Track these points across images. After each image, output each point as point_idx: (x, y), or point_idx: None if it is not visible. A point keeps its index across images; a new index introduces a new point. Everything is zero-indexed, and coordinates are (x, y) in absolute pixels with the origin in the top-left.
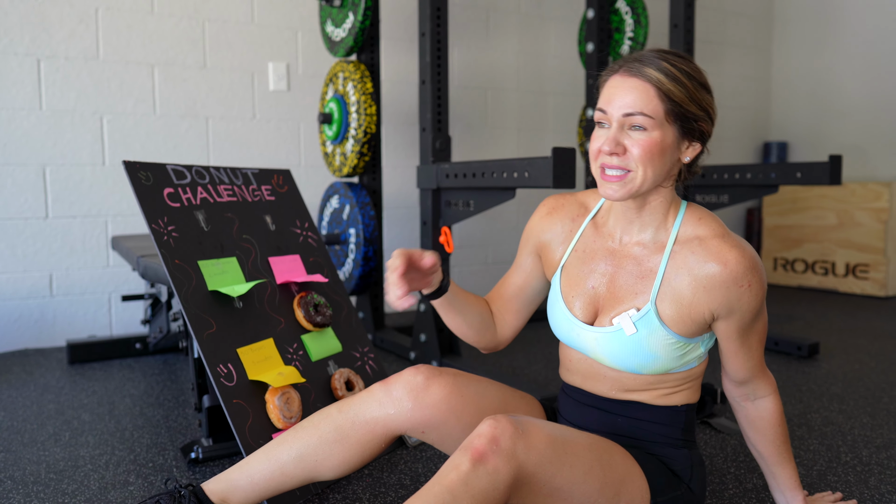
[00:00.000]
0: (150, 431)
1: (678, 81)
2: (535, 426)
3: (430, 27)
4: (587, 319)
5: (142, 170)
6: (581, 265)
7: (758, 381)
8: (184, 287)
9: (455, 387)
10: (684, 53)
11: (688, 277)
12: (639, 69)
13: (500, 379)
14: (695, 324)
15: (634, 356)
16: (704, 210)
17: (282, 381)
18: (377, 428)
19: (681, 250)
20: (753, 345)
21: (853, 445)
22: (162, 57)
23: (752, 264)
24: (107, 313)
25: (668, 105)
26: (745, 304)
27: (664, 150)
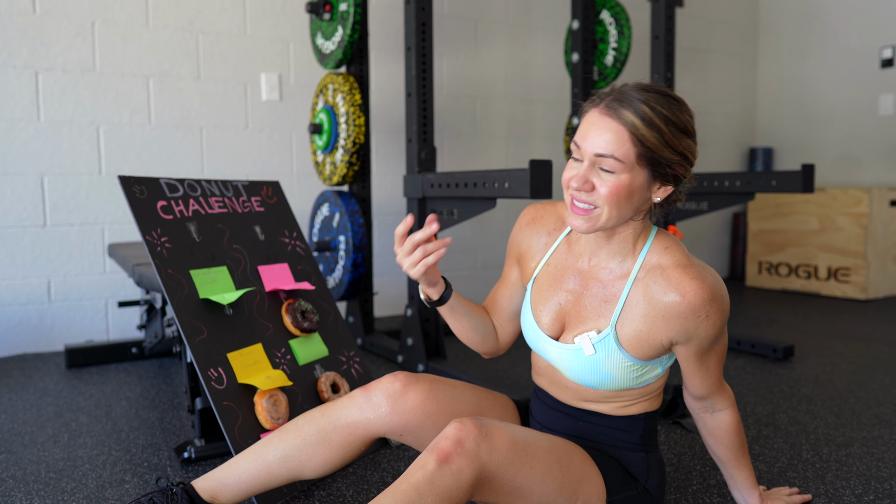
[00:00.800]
0: (145, 432)
1: (654, 127)
2: (498, 429)
3: (416, 42)
4: (553, 333)
5: (136, 184)
6: (551, 280)
7: (716, 396)
8: (176, 295)
9: (430, 393)
10: (670, 92)
11: (648, 305)
12: (616, 110)
13: (483, 381)
14: (652, 349)
15: (592, 374)
16: (672, 239)
17: (270, 384)
18: (357, 431)
19: (644, 278)
20: (711, 366)
21: (815, 444)
22: (157, 68)
23: (711, 296)
24: (104, 318)
25: (641, 149)
26: (703, 332)
27: (632, 193)
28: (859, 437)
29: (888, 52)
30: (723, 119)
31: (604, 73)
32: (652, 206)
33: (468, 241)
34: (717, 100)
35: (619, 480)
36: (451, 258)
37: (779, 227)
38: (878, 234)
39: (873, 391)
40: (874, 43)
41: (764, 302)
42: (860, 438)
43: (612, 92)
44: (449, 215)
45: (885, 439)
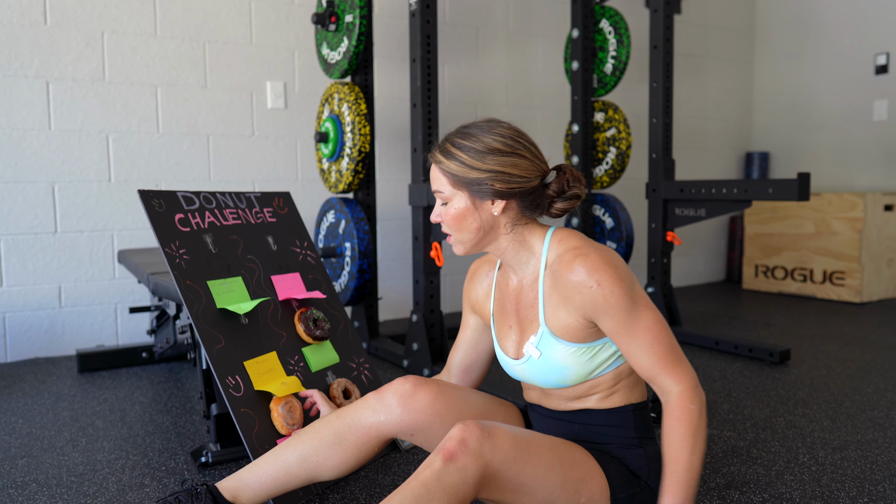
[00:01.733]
0: (160, 437)
1: (453, 157)
2: (500, 430)
3: (421, 54)
4: (515, 355)
5: (155, 198)
6: (501, 311)
7: (663, 376)
8: (195, 305)
9: (439, 394)
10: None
11: (556, 293)
12: (433, 156)
13: (487, 388)
14: (580, 331)
15: (551, 374)
16: (566, 231)
17: (285, 391)
18: (371, 432)
19: (549, 272)
20: (643, 342)
21: (811, 447)
22: (165, 78)
23: (595, 265)
24: (113, 323)
25: (450, 178)
26: (604, 302)
27: (464, 215)
28: (854, 441)
29: (882, 58)
30: (720, 124)
31: (603, 80)
32: (512, 216)
33: None
34: (714, 105)
35: (622, 479)
36: (453, 263)
37: (775, 231)
38: (873, 238)
39: (867, 395)
40: (869, 49)
41: (760, 305)
42: (855, 442)
43: (436, 146)
44: None
45: (878, 443)
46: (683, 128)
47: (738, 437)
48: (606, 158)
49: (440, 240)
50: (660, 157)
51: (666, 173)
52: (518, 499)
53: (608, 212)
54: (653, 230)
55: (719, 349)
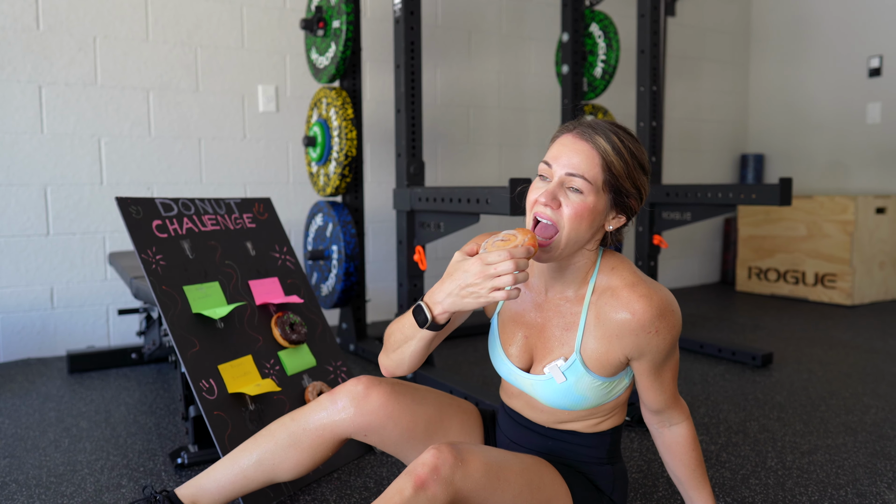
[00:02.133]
0: (142, 438)
1: (622, 157)
2: (473, 455)
3: (405, 60)
4: (523, 365)
5: (133, 204)
6: (514, 315)
7: (671, 410)
8: (170, 310)
9: (392, 395)
10: (633, 133)
11: (603, 326)
12: (591, 136)
13: (472, 389)
14: (613, 366)
15: (566, 399)
16: (618, 258)
17: (259, 390)
18: (325, 433)
19: (597, 301)
20: (666, 380)
21: (780, 451)
22: (157, 82)
23: (659, 312)
24: (105, 324)
25: (607, 176)
26: (655, 347)
27: (593, 216)
28: (824, 445)
29: (875, 61)
30: (715, 126)
31: (593, 84)
32: (605, 235)
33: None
34: (709, 107)
35: (587, 495)
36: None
37: (768, 234)
38: (864, 241)
39: (844, 399)
40: (862, 52)
41: (752, 307)
42: (824, 446)
43: (584, 122)
44: (436, 228)
45: (847, 447)
46: (678, 130)
47: (710, 440)
48: None
49: (424, 244)
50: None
51: (653, 177)
52: None
53: None
54: (640, 233)
55: (703, 352)
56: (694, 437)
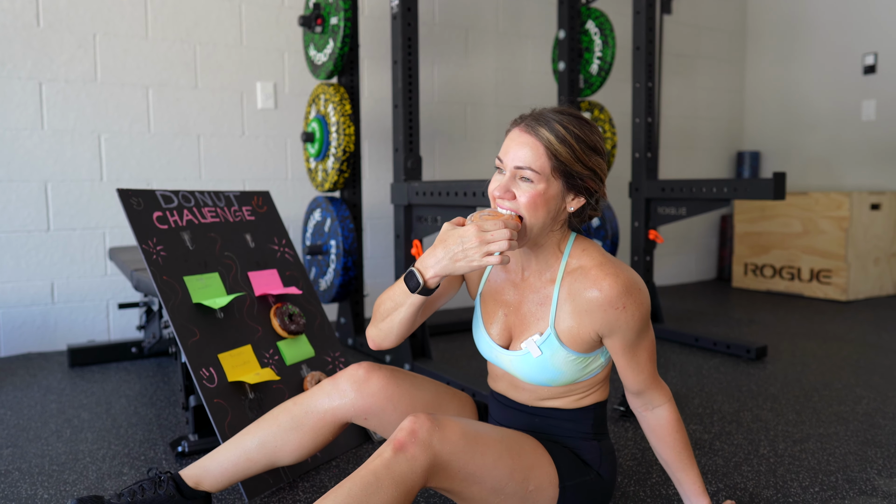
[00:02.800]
0: (142, 428)
1: (566, 143)
2: (450, 421)
3: (402, 56)
4: (503, 343)
5: (133, 196)
6: (494, 295)
7: (651, 391)
8: (171, 300)
9: (392, 379)
10: (582, 116)
11: (574, 303)
12: (534, 128)
13: (467, 380)
14: (586, 343)
15: (543, 373)
16: (589, 242)
17: (258, 379)
18: (327, 416)
19: (568, 279)
20: (641, 360)
21: (773, 440)
22: (156, 78)
23: (625, 289)
24: (105, 319)
25: (555, 163)
26: (624, 324)
27: (547, 201)
28: (815, 434)
29: (870, 58)
30: (711, 124)
31: (589, 81)
32: (568, 217)
33: None
34: (705, 105)
35: (572, 467)
36: None
37: (764, 230)
38: (859, 237)
39: (837, 390)
40: (857, 49)
41: (747, 303)
42: (816, 435)
43: (532, 114)
44: (433, 222)
45: (839, 436)
46: (675, 127)
47: (704, 429)
48: None
49: (421, 237)
50: (643, 157)
51: (648, 173)
52: (467, 487)
53: None
54: (636, 228)
55: (699, 346)
56: (677, 419)
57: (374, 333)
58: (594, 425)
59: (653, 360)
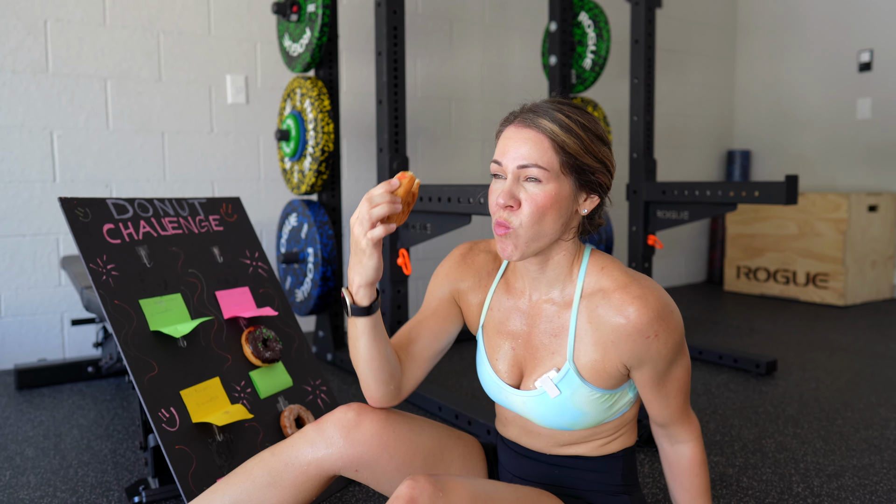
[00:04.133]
0: (95, 468)
1: (572, 133)
2: (456, 484)
3: (387, 46)
4: (513, 381)
5: (79, 206)
6: (499, 325)
7: (677, 426)
8: (123, 329)
9: (387, 423)
10: (579, 105)
11: (596, 332)
12: (533, 120)
13: (458, 403)
14: (612, 377)
15: (563, 416)
16: (607, 258)
17: (227, 419)
18: (311, 469)
19: (588, 304)
20: (671, 392)
21: (805, 474)
22: (115, 70)
23: (657, 314)
24: (59, 334)
25: (563, 156)
26: (655, 354)
27: (560, 203)
28: (850, 466)
29: (866, 55)
30: (701, 121)
31: (582, 76)
32: (581, 222)
33: (442, 246)
34: (695, 102)
35: None
36: (426, 265)
37: (757, 232)
38: (857, 239)
39: (860, 411)
40: (852, 46)
41: (743, 308)
42: (851, 467)
43: (523, 108)
44: (422, 230)
45: (875, 468)
46: (664, 125)
47: (727, 462)
48: None
49: (408, 246)
50: (641, 158)
51: (647, 174)
52: None
53: None
54: (633, 233)
55: (703, 359)
56: (701, 460)
57: (363, 389)
58: (624, 476)
59: (684, 390)
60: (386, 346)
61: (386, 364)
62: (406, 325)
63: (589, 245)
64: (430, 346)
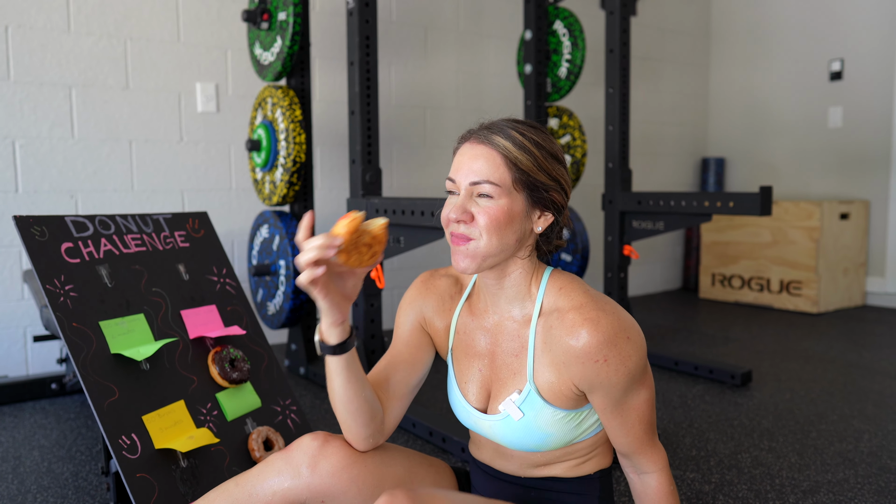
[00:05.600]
0: (55, 494)
1: (526, 150)
2: (434, 498)
3: (360, 56)
4: (481, 405)
5: (35, 224)
6: (466, 348)
7: (640, 456)
8: (82, 352)
9: (355, 453)
10: (537, 124)
11: (551, 353)
12: (487, 137)
13: (433, 419)
14: (569, 399)
15: (530, 437)
16: (567, 277)
17: (192, 445)
18: (275, 500)
19: (544, 323)
20: (630, 422)
21: (781, 491)
22: (80, 77)
23: (607, 338)
24: (22, 349)
25: (516, 173)
26: (605, 380)
27: (512, 219)
28: (825, 482)
29: (837, 64)
30: (676, 129)
31: (557, 85)
32: (536, 240)
33: (419, 256)
34: (670, 109)
35: None
36: (403, 275)
37: (732, 240)
38: (829, 247)
39: (833, 423)
40: (823, 55)
41: (718, 316)
42: (826, 483)
43: (479, 126)
44: (395, 243)
45: (850, 483)
46: (639, 133)
47: (704, 479)
48: None
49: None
50: (616, 167)
51: (623, 184)
52: None
53: None
54: (609, 243)
55: (679, 370)
56: (668, 490)
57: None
58: (601, 497)
59: (645, 420)
60: (363, 387)
61: (365, 405)
62: (380, 362)
63: (549, 266)
64: (406, 378)
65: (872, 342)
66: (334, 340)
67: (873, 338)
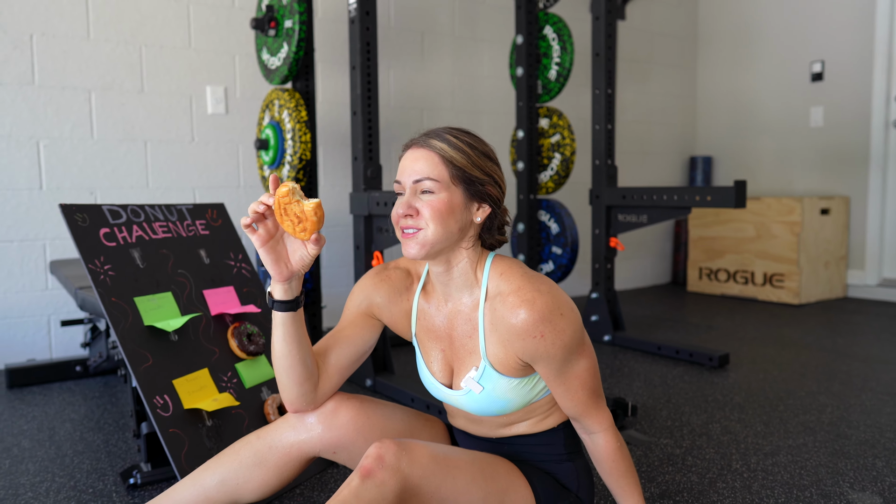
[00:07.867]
0: (90, 457)
1: (460, 150)
2: (418, 445)
3: (361, 61)
4: (446, 381)
5: (78, 212)
6: (427, 332)
7: (586, 419)
8: (120, 324)
9: (362, 410)
10: (470, 130)
11: (496, 332)
12: (426, 142)
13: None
14: (518, 368)
15: (492, 405)
16: (507, 262)
17: (216, 406)
18: (292, 451)
19: (490, 306)
20: (573, 388)
21: (744, 453)
22: (99, 82)
23: (541, 316)
24: (46, 336)
25: (453, 170)
26: (544, 353)
27: (452, 209)
28: (785, 446)
29: (818, 66)
30: (664, 129)
31: (548, 86)
32: (478, 230)
33: None
34: (658, 110)
35: (550, 491)
36: None
37: (718, 235)
38: (810, 241)
39: (801, 398)
40: (805, 57)
41: (703, 308)
42: (786, 447)
43: (421, 134)
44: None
45: (808, 447)
46: (629, 132)
47: (675, 444)
48: (551, 164)
49: (382, 249)
50: (603, 164)
51: (609, 180)
52: None
53: (553, 217)
54: (596, 236)
55: (661, 354)
56: (616, 447)
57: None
58: (566, 444)
59: (588, 386)
60: (300, 347)
61: (299, 365)
62: (325, 337)
63: (492, 252)
64: (345, 353)
65: (849, 330)
66: (277, 296)
67: (850, 326)
